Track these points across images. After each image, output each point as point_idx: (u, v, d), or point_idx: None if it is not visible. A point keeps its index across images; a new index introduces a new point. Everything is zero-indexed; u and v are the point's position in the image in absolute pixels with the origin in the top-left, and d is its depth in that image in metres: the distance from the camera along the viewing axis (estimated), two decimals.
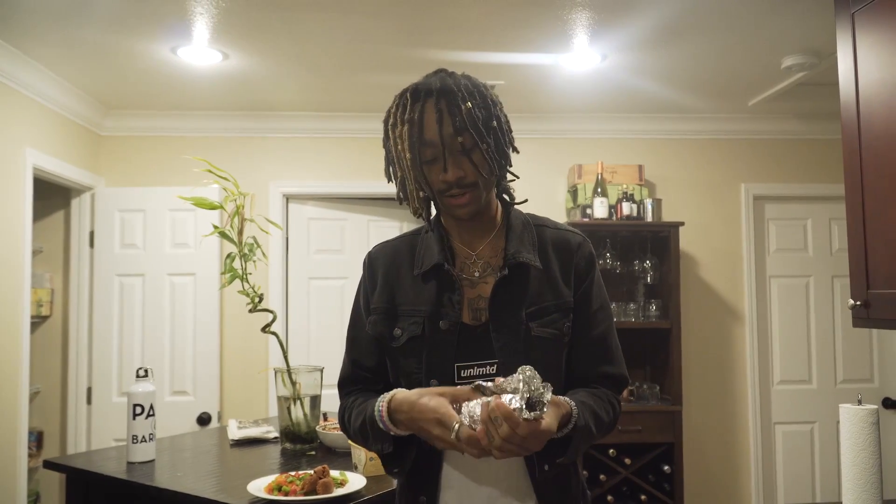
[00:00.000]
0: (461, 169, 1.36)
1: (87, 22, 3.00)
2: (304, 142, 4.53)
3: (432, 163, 1.37)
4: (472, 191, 1.38)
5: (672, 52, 3.41)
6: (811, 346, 4.61)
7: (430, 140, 1.35)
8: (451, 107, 1.35)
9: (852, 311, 2.09)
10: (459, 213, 1.41)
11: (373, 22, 3.04)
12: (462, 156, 1.36)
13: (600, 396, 1.43)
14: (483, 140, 1.36)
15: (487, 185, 1.41)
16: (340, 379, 1.57)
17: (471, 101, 1.36)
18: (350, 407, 1.48)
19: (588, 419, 1.33)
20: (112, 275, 4.27)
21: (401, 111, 1.38)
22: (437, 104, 1.35)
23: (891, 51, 1.95)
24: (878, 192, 2.00)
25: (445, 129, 1.34)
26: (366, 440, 1.42)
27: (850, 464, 1.97)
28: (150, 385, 2.53)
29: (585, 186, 4.24)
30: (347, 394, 1.54)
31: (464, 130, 1.34)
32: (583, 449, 1.38)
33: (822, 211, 4.64)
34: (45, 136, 3.74)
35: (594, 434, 1.36)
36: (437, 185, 1.38)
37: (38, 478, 4.24)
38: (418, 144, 1.35)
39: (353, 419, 1.44)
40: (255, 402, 4.35)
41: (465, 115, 1.34)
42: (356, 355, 1.54)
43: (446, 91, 1.36)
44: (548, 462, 1.38)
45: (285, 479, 1.99)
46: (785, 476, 4.54)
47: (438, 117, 1.34)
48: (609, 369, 1.47)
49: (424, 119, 1.35)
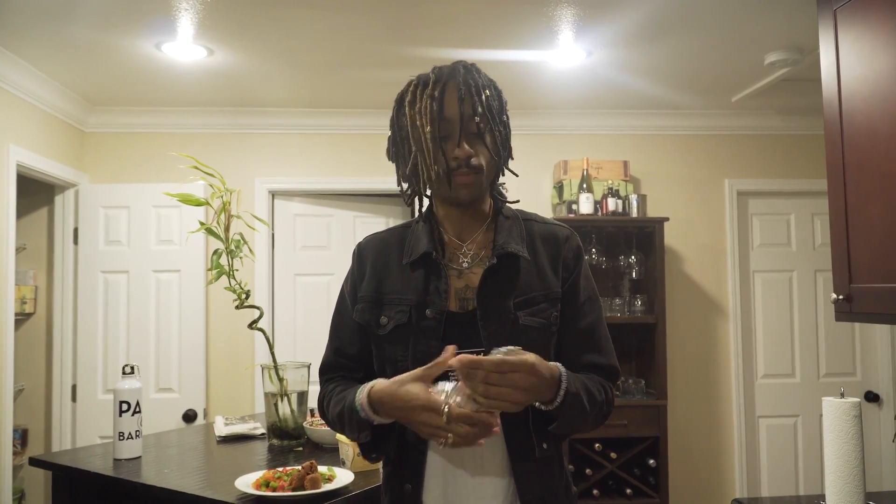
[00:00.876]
0: (473, 149, 1.42)
1: (72, 18, 2.98)
2: (290, 138, 4.52)
3: (446, 139, 1.42)
4: (476, 174, 1.43)
5: (656, 48, 3.43)
6: (794, 340, 4.65)
7: (449, 116, 1.41)
8: (473, 90, 1.42)
9: (835, 305, 2.11)
10: (462, 193, 1.44)
11: (359, 18, 3.04)
12: (476, 137, 1.42)
13: (591, 378, 1.44)
14: (496, 127, 1.45)
15: (490, 172, 1.47)
16: (322, 365, 1.59)
17: (489, 91, 1.46)
18: (330, 394, 1.51)
19: (579, 389, 1.35)
20: (96, 271, 4.24)
21: (421, 88, 1.44)
22: (459, 86, 1.42)
23: (872, 47, 1.97)
24: (860, 187, 2.02)
25: (466, 108, 1.41)
26: (343, 428, 1.46)
27: (833, 456, 1.99)
28: (137, 382, 2.53)
29: (571, 182, 4.25)
30: (328, 381, 1.57)
31: (481, 114, 1.41)
32: (576, 423, 1.38)
33: (805, 206, 4.67)
34: (28, 133, 3.71)
35: (586, 409, 1.36)
36: (450, 161, 1.42)
37: (23, 475, 4.22)
38: (438, 119, 1.41)
39: (332, 406, 1.48)
40: (242, 398, 4.34)
41: (484, 101, 1.43)
42: (339, 343, 1.57)
43: (469, 77, 1.44)
44: (544, 438, 1.40)
45: (273, 475, 1.99)
46: (769, 469, 4.59)
47: (460, 96, 1.41)
48: (598, 359, 1.48)
49: (446, 96, 1.42)
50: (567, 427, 1.37)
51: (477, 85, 1.43)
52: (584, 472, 4.01)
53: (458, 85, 1.42)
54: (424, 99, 1.42)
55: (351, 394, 1.40)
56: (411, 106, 1.45)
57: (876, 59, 1.95)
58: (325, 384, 1.57)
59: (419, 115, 1.43)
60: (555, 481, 1.46)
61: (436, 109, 1.41)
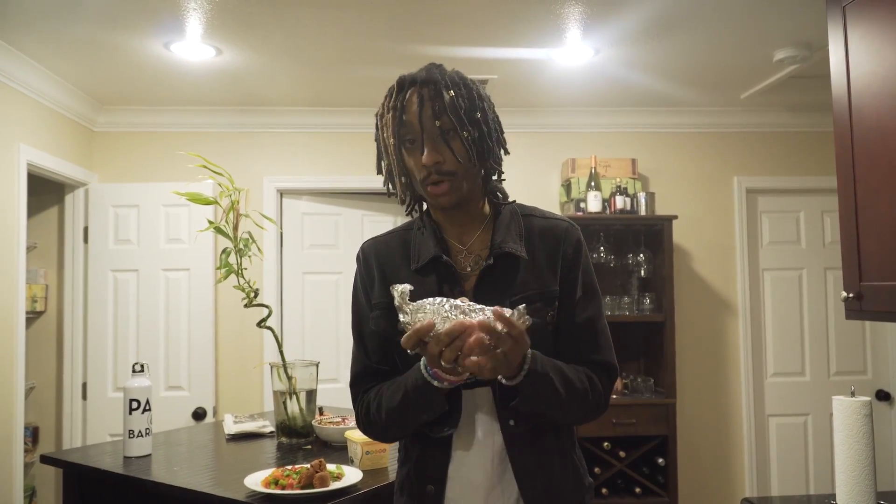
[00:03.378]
0: (440, 154, 1.38)
1: (81, 18, 3.00)
2: (298, 137, 4.52)
3: (413, 147, 1.40)
4: (450, 180, 1.40)
5: (664, 45, 3.42)
6: (804, 338, 4.63)
7: (409, 122, 1.39)
8: (433, 93, 1.38)
9: (845, 303, 2.10)
10: (440, 201, 1.42)
11: (366, 16, 3.04)
12: (441, 141, 1.38)
13: (577, 368, 1.42)
14: (464, 128, 1.39)
15: (468, 175, 1.42)
16: (354, 376, 1.54)
17: (454, 91, 1.40)
18: (377, 397, 1.45)
19: (548, 370, 1.33)
20: (106, 270, 4.26)
21: (388, 100, 1.43)
22: (419, 90, 1.39)
23: (882, 43, 1.96)
24: (870, 184, 2.01)
25: (425, 112, 1.37)
26: (406, 415, 1.40)
27: (843, 455, 1.98)
28: (147, 380, 2.53)
29: (579, 180, 4.25)
30: (365, 390, 1.51)
31: (443, 115, 1.38)
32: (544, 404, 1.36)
33: (815, 203, 4.65)
34: (38, 132, 3.73)
35: (559, 392, 1.34)
36: (418, 171, 1.40)
37: (34, 473, 4.24)
38: (399, 128, 1.39)
39: (387, 400, 1.41)
40: (251, 396, 4.35)
41: (446, 102, 1.38)
42: (365, 352, 1.53)
43: (430, 80, 1.40)
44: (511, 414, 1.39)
45: (282, 473, 2.00)
46: (778, 468, 4.57)
47: (419, 101, 1.38)
48: (594, 356, 1.46)
49: (406, 104, 1.39)
50: (531, 404, 1.35)
51: (437, 87, 1.39)
52: (592, 470, 4.00)
53: (418, 92, 1.39)
54: (389, 111, 1.41)
55: (407, 379, 1.37)
56: (381, 119, 1.45)
57: (885, 56, 1.94)
58: (362, 395, 1.51)
59: (385, 127, 1.43)
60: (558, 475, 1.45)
61: (398, 118, 1.39)
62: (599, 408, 1.45)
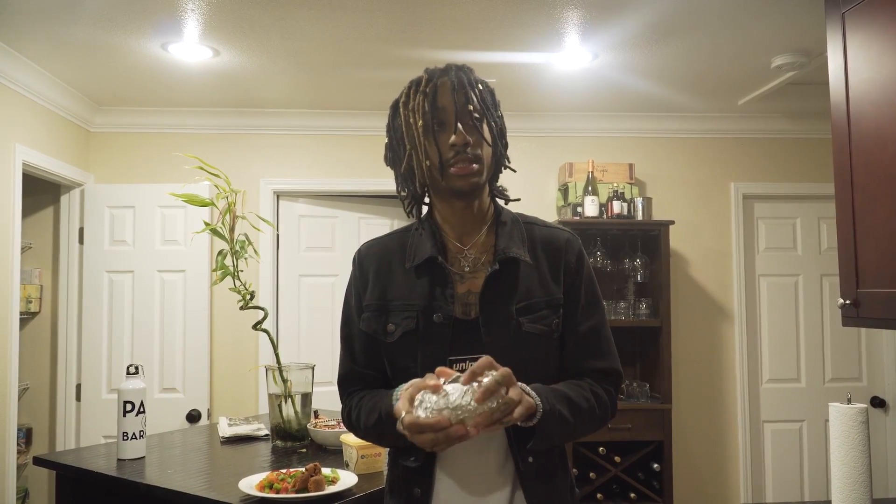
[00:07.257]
0: (470, 135, 1.42)
1: (77, 18, 2.99)
2: (295, 139, 4.52)
3: (442, 128, 1.43)
4: (476, 162, 1.42)
5: (663, 51, 3.42)
6: (800, 344, 4.63)
7: (442, 105, 1.42)
8: (466, 83, 1.44)
9: (841, 309, 2.10)
10: (461, 183, 1.43)
11: (364, 19, 3.04)
12: (472, 127, 1.43)
13: (580, 385, 1.42)
14: (492, 118, 1.46)
15: (489, 163, 1.47)
16: (340, 377, 1.57)
17: (482, 86, 1.47)
18: (357, 406, 1.48)
19: (554, 403, 1.33)
20: (101, 271, 4.25)
21: (415, 87, 1.45)
22: (451, 78, 1.44)
23: (881, 50, 1.96)
24: (868, 191, 2.01)
25: (459, 97, 1.42)
26: (380, 436, 1.44)
27: (839, 462, 1.98)
28: (141, 382, 2.53)
29: (576, 185, 4.24)
30: (350, 394, 1.54)
31: (476, 103, 1.43)
32: (558, 434, 1.36)
33: (812, 210, 4.66)
34: (34, 133, 3.71)
35: (569, 420, 1.35)
36: (446, 152, 1.41)
37: (27, 474, 4.22)
38: (431, 110, 1.41)
39: (365, 417, 1.44)
40: (246, 399, 4.33)
41: (478, 93, 1.45)
42: (352, 354, 1.54)
43: (461, 73, 1.46)
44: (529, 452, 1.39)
45: (276, 477, 1.99)
46: (774, 474, 4.57)
47: (452, 87, 1.43)
48: (598, 364, 1.47)
49: (438, 90, 1.43)
50: (547, 442, 1.36)
51: (469, 79, 1.45)
52: (587, 475, 4.00)
53: (450, 79, 1.43)
54: (417, 97, 1.44)
55: (385, 402, 1.38)
56: (405, 106, 1.46)
57: (884, 63, 1.94)
58: (347, 397, 1.54)
59: (412, 112, 1.44)
60: (557, 485, 1.46)
61: (430, 101, 1.42)
62: (607, 418, 1.47)
